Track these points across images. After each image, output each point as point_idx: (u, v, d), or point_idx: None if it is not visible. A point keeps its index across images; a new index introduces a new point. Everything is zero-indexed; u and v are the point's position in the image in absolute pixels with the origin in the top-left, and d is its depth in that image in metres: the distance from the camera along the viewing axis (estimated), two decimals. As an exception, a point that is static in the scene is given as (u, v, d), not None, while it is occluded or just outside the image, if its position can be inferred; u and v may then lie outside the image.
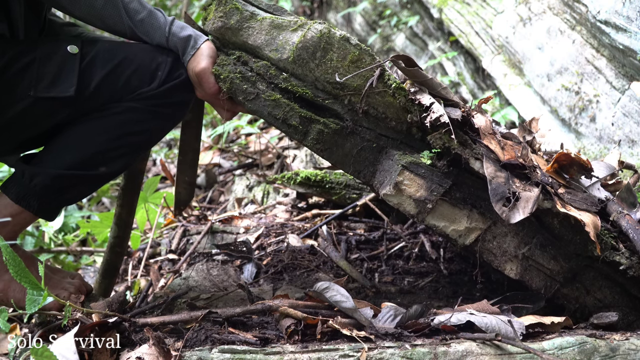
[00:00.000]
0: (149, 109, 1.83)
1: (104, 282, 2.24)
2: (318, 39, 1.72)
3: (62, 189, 1.82)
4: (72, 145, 1.83)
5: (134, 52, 1.86)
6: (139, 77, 1.83)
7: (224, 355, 1.45)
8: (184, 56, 1.85)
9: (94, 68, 1.81)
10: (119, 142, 1.83)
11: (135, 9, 1.83)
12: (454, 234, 1.75)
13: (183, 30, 1.86)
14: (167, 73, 1.84)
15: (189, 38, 1.85)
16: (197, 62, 1.83)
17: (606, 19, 2.48)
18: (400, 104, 1.74)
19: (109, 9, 1.81)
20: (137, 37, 1.86)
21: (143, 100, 1.82)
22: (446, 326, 1.59)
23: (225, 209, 3.39)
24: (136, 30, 1.84)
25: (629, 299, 1.81)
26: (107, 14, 1.81)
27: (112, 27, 1.85)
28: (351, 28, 5.05)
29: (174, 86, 1.85)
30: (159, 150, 4.72)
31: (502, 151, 1.75)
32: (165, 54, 1.86)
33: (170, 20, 1.87)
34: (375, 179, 1.79)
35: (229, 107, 1.89)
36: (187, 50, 1.85)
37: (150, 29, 1.85)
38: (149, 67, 1.84)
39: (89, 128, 1.83)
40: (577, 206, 1.72)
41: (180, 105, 1.92)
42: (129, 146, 1.86)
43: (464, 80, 3.71)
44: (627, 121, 2.51)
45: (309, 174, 2.82)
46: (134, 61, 1.83)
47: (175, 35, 1.85)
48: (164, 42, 1.85)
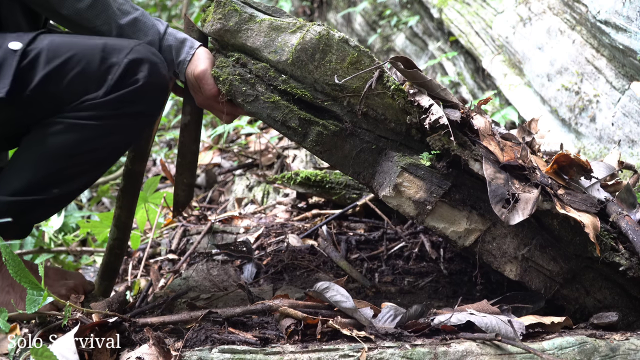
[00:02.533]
0: (96, 125, 1.59)
1: (104, 284, 2.23)
2: (317, 40, 1.72)
3: (21, 213, 1.67)
4: (21, 168, 1.67)
5: (85, 48, 1.60)
6: (84, 81, 1.58)
7: (224, 355, 1.45)
8: (181, 57, 1.75)
9: (35, 67, 1.57)
10: (69, 161, 1.64)
11: (127, 10, 1.70)
12: (454, 235, 1.75)
13: (179, 33, 1.79)
14: (119, 78, 1.59)
15: (186, 40, 1.78)
16: (196, 63, 1.75)
17: (606, 19, 2.48)
18: (400, 105, 1.74)
19: (99, 6, 1.65)
20: (126, 36, 1.71)
21: (89, 111, 1.58)
22: (446, 326, 1.59)
23: (225, 209, 3.39)
24: (127, 29, 1.69)
25: (629, 300, 1.81)
26: (94, 13, 1.65)
27: (100, 28, 1.68)
28: (351, 28, 5.05)
29: (125, 95, 1.60)
30: (159, 151, 4.72)
31: (501, 152, 1.75)
32: (122, 54, 1.60)
33: (166, 24, 1.80)
34: (375, 180, 1.79)
35: (228, 111, 1.79)
36: (183, 50, 1.74)
37: (143, 27, 1.71)
38: (98, 69, 1.59)
39: (34, 148, 1.65)
40: (576, 207, 1.73)
41: (139, 117, 1.67)
42: (83, 165, 1.67)
43: (464, 80, 3.71)
44: (627, 121, 2.51)
45: (309, 174, 2.83)
46: (82, 60, 1.58)
47: (172, 34, 1.76)
48: (157, 40, 1.71)
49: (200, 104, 1.90)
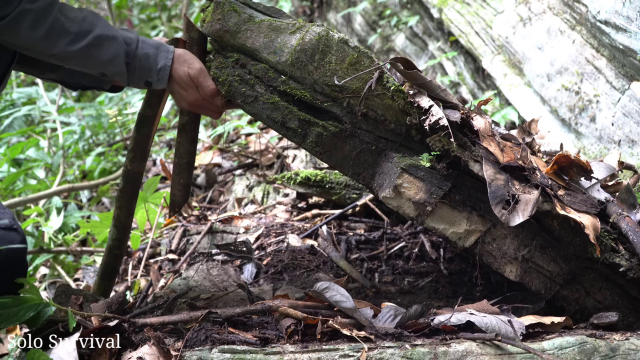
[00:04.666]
0: None
1: (103, 284, 2.23)
2: (316, 41, 1.72)
3: None
4: None
5: None
6: None
7: (224, 355, 1.45)
8: (160, 63, 1.76)
9: None
10: None
11: (87, 29, 1.72)
12: (454, 236, 1.75)
13: (151, 40, 1.78)
14: None
15: (160, 45, 1.78)
16: (187, 63, 1.75)
17: (606, 19, 2.48)
18: (399, 106, 1.74)
19: (54, 35, 1.68)
20: (86, 56, 1.73)
21: None
22: (446, 326, 1.59)
23: (225, 209, 3.39)
24: (88, 48, 1.72)
25: (629, 301, 1.81)
26: (49, 43, 1.68)
27: (57, 53, 1.71)
28: (351, 28, 5.05)
29: None
30: (159, 151, 4.72)
31: (501, 153, 1.75)
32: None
33: (135, 32, 1.81)
34: (375, 181, 1.79)
35: (225, 107, 1.82)
36: (160, 56, 1.75)
37: (106, 42, 1.73)
38: None
39: None
40: (576, 208, 1.72)
41: None
42: None
43: (464, 80, 3.71)
44: (627, 121, 2.51)
45: (309, 174, 2.83)
46: None
47: (145, 42, 1.77)
48: (133, 49, 1.75)
49: (192, 104, 1.88)
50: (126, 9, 7.44)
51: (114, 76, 1.82)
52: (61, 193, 3.94)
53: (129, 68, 1.79)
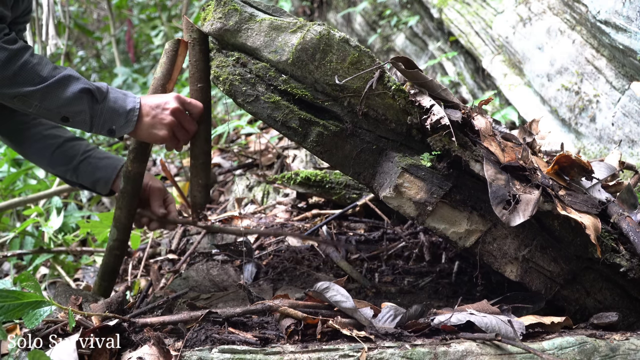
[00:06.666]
0: None
1: (103, 285, 2.23)
2: (317, 40, 1.72)
3: None
4: None
5: None
6: None
7: (224, 355, 1.45)
8: (128, 106, 1.84)
9: None
10: None
11: (57, 72, 1.79)
12: (454, 236, 1.75)
13: (118, 91, 1.87)
14: None
15: (126, 93, 1.87)
16: (160, 100, 1.86)
17: (606, 19, 2.48)
18: (400, 105, 1.74)
19: (28, 68, 1.74)
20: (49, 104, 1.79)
21: None
22: (446, 326, 1.59)
23: (225, 209, 3.39)
24: (53, 86, 1.77)
25: (629, 301, 1.81)
26: (23, 74, 1.74)
27: (23, 94, 1.76)
28: (351, 28, 5.05)
29: None
30: (159, 151, 4.72)
31: (502, 153, 1.75)
32: None
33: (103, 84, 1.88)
34: (375, 181, 1.79)
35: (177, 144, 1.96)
36: (129, 98, 1.84)
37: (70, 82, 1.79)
38: None
39: None
40: (577, 208, 1.72)
41: None
42: None
43: (464, 80, 3.71)
44: (627, 121, 2.51)
45: (309, 174, 2.82)
46: None
47: (113, 90, 1.85)
48: (103, 92, 1.82)
49: (165, 138, 1.94)
50: (126, 9, 7.44)
51: (76, 119, 1.85)
52: (61, 193, 3.94)
53: (94, 110, 1.84)
